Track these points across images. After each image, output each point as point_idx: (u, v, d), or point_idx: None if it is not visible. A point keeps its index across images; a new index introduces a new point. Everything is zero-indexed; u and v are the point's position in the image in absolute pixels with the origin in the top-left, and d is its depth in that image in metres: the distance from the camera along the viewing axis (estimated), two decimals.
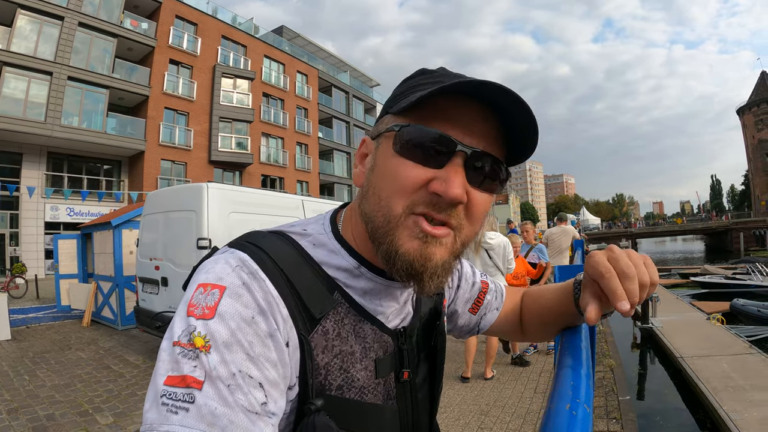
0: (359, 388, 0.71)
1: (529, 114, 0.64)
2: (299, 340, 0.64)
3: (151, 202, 7.68)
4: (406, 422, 0.79)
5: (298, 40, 41.47)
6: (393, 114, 0.69)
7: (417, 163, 0.64)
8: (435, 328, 0.86)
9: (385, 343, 0.76)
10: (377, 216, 0.66)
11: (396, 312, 0.79)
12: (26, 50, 20.57)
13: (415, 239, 0.64)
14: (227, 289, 0.60)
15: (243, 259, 0.65)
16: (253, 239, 0.70)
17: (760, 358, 7.38)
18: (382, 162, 0.68)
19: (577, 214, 73.72)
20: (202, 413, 0.51)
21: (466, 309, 1.05)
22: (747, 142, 79.82)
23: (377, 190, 0.67)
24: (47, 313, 11.74)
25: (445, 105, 0.65)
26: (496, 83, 0.60)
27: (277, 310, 0.62)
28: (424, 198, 0.64)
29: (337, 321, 0.70)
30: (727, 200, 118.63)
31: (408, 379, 0.78)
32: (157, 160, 25.51)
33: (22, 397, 5.58)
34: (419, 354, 0.83)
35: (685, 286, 20.76)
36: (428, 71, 0.71)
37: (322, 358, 0.67)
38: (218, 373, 0.54)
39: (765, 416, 5.18)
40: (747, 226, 50.07)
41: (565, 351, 0.83)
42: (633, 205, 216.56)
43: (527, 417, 4.77)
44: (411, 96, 0.65)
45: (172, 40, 26.79)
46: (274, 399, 0.58)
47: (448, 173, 0.63)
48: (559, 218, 9.77)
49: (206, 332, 0.56)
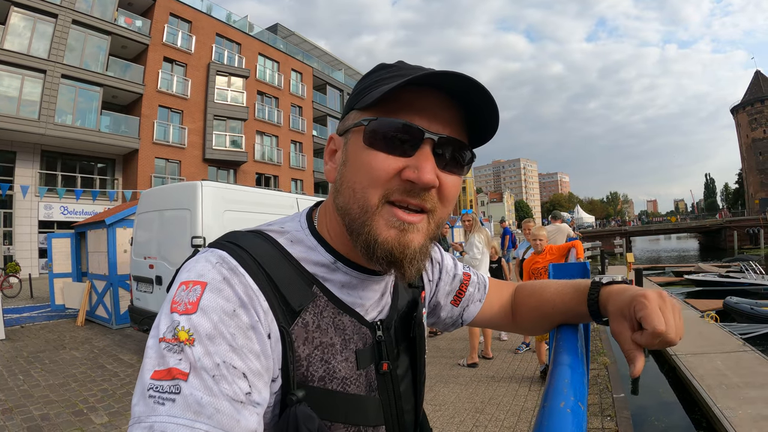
0: (341, 379, 0.73)
1: (488, 97, 0.68)
2: (280, 332, 0.66)
3: (145, 201, 7.65)
4: (390, 413, 0.80)
5: (293, 38, 41.42)
6: (358, 109, 0.72)
7: (388, 153, 0.67)
8: (413, 320, 0.87)
9: (365, 335, 0.77)
10: (353, 208, 0.69)
11: (374, 304, 0.81)
12: (20, 48, 20.43)
13: (392, 228, 0.68)
14: (208, 285, 0.62)
15: (222, 256, 0.67)
16: (232, 238, 0.72)
17: (753, 355, 7.42)
18: (354, 156, 0.70)
19: (572, 213, 73.93)
20: (188, 403, 0.52)
21: (448, 301, 1.06)
22: (741, 141, 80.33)
23: (351, 183, 0.70)
24: (41, 313, 11.68)
25: (409, 97, 0.68)
26: (455, 72, 0.63)
27: (257, 303, 0.64)
28: (398, 186, 0.67)
29: (316, 314, 0.71)
30: (721, 199, 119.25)
31: (388, 371, 0.80)
32: (151, 158, 25.40)
33: (17, 397, 5.56)
34: (398, 345, 0.84)
35: (679, 284, 20.83)
36: (387, 66, 0.74)
37: (303, 350, 0.69)
38: (203, 365, 0.55)
39: (758, 413, 5.21)
40: (741, 224, 50.31)
41: (559, 348, 0.83)
42: (627, 204, 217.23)
43: (522, 415, 4.78)
44: (376, 91, 0.68)
45: (166, 38, 26.66)
46: (258, 389, 0.59)
47: (418, 160, 0.67)
48: (554, 216, 9.78)
49: (190, 326, 0.58)
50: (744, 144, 79.03)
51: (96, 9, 23.50)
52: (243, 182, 29.11)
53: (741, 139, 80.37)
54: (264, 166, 32.65)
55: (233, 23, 32.56)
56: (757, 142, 75.08)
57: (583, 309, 0.87)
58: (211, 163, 28.73)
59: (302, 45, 42.21)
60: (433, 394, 5.52)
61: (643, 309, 0.69)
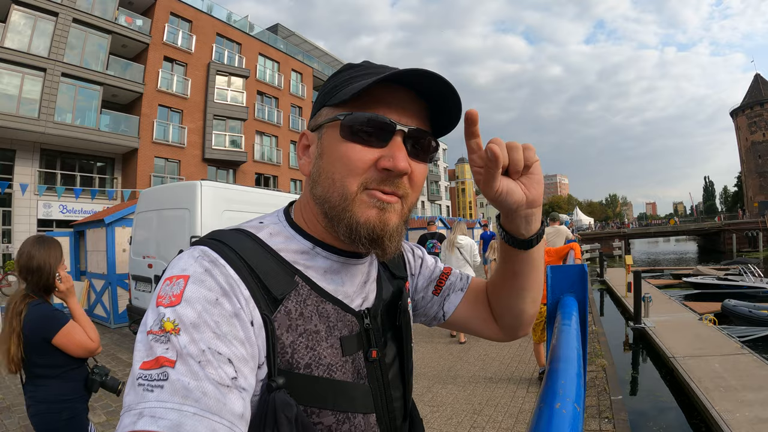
0: (327, 365, 0.74)
1: (452, 91, 0.74)
2: (263, 320, 0.68)
3: (144, 200, 7.66)
4: (380, 401, 0.82)
5: (293, 38, 41.37)
6: (331, 106, 0.78)
7: (363, 145, 0.73)
8: (398, 308, 0.89)
9: (350, 322, 0.79)
10: (333, 196, 0.75)
11: (357, 291, 0.84)
12: (20, 46, 20.38)
13: (373, 208, 0.74)
14: (191, 277, 0.65)
15: (203, 251, 0.70)
16: (214, 235, 0.76)
17: (751, 358, 7.43)
18: (331, 148, 0.76)
19: (570, 215, 73.87)
20: (176, 388, 0.54)
21: (429, 291, 1.07)
22: (740, 144, 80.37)
23: (329, 174, 0.75)
24: None
25: (380, 93, 0.74)
26: (422, 70, 0.70)
27: (239, 291, 0.66)
28: (374, 176, 0.74)
29: (299, 302, 0.74)
30: (720, 201, 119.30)
31: (377, 358, 0.82)
32: (150, 157, 25.35)
33: (14, 395, 5.56)
34: (385, 334, 0.86)
35: (677, 287, 20.82)
36: (355, 65, 0.81)
37: (287, 337, 0.71)
38: (189, 351, 0.57)
39: (756, 416, 5.22)
40: (739, 227, 50.27)
41: (557, 350, 0.83)
42: (626, 206, 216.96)
43: (519, 416, 4.79)
44: (348, 88, 0.75)
45: (166, 38, 26.60)
46: (244, 375, 0.61)
47: (392, 150, 0.74)
48: (552, 218, 9.72)
49: (175, 317, 0.60)
50: (743, 147, 79.06)
51: (96, 8, 23.45)
52: (242, 182, 29.02)
53: (740, 142, 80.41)
54: (263, 167, 32.60)
55: (234, 23, 32.49)
56: (757, 145, 75.11)
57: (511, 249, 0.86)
58: (210, 163, 28.68)
59: (302, 45, 42.17)
60: (431, 395, 5.52)
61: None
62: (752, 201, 72.74)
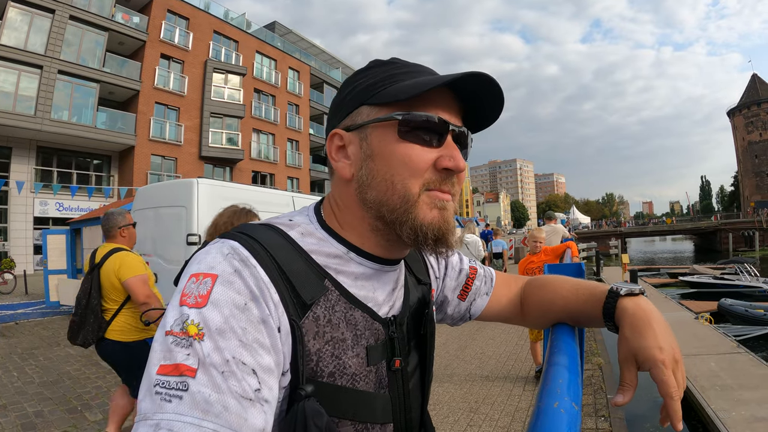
0: (351, 375, 0.72)
1: (500, 94, 0.74)
2: (290, 326, 0.65)
3: (140, 198, 7.63)
4: (398, 411, 0.79)
5: (291, 36, 41.35)
6: (374, 105, 0.74)
7: (423, 145, 0.72)
8: (424, 317, 0.87)
9: (376, 330, 0.76)
10: (392, 199, 0.72)
11: (386, 299, 0.81)
12: (16, 43, 20.35)
13: (435, 208, 0.73)
14: (219, 277, 0.61)
15: (234, 247, 0.66)
16: (245, 229, 0.71)
17: (747, 357, 7.45)
18: (386, 149, 0.72)
19: (567, 213, 73.92)
20: (196, 400, 0.52)
21: (455, 296, 1.06)
22: (737, 143, 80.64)
23: (386, 176, 0.72)
24: (36, 309, 11.66)
25: (429, 93, 0.71)
26: (485, 76, 0.70)
27: (268, 295, 0.63)
28: (434, 177, 0.72)
29: (327, 308, 0.70)
30: (717, 201, 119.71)
31: (399, 368, 0.79)
32: (147, 155, 25.34)
33: (11, 394, 5.54)
34: (409, 343, 0.84)
35: (673, 286, 20.87)
36: (384, 62, 0.80)
37: (314, 344, 0.68)
38: (212, 361, 0.55)
39: (752, 415, 5.24)
40: (736, 226, 50.38)
41: (554, 349, 0.83)
42: (623, 205, 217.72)
43: (516, 414, 4.79)
44: (397, 86, 0.73)
45: (163, 35, 26.58)
46: (269, 386, 0.59)
47: (450, 150, 0.73)
48: (548, 217, 9.66)
49: (200, 320, 0.57)
50: (740, 147, 79.36)
51: (93, 5, 23.41)
52: (239, 180, 28.96)
53: (737, 142, 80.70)
54: (260, 164, 32.60)
55: (231, 21, 32.43)
56: (753, 144, 75.38)
57: (597, 314, 0.87)
58: (207, 161, 28.68)
59: (299, 43, 42.13)
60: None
61: (659, 375, 0.70)
62: (749, 200, 72.94)
